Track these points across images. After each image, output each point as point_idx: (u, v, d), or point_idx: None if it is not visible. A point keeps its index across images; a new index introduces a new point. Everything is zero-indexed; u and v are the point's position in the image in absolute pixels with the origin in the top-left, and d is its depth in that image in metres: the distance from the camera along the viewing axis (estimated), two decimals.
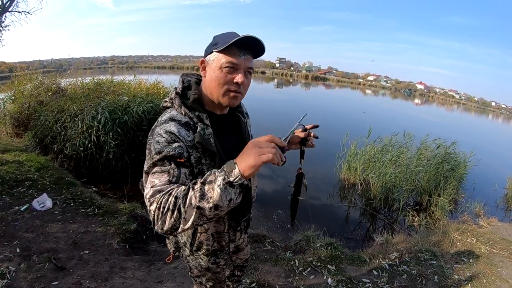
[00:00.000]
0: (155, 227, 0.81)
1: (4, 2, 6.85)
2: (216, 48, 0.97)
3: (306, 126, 1.32)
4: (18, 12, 7.31)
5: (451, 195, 5.09)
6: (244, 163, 0.77)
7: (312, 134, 1.30)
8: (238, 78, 0.98)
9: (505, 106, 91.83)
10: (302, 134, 1.30)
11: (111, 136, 4.90)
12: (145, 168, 0.92)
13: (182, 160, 0.91)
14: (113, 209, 3.45)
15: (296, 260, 2.77)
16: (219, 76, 0.99)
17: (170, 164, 0.89)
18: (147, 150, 0.97)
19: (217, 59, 0.98)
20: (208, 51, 1.02)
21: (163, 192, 0.82)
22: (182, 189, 0.80)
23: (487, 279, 2.74)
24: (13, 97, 6.82)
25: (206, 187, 0.76)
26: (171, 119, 0.99)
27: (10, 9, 7.09)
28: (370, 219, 4.74)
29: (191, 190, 0.78)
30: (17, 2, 7.08)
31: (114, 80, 7.13)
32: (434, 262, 2.95)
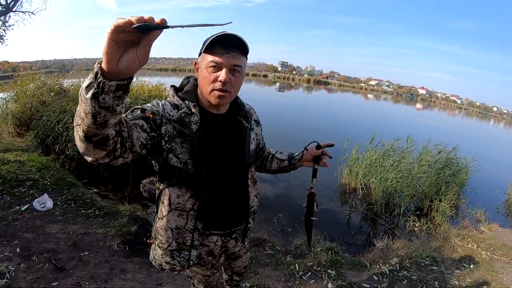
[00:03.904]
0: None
1: (8, 2, 6.89)
2: (203, 49, 1.01)
3: (321, 144, 1.30)
4: (22, 12, 7.36)
5: (452, 200, 5.08)
6: None
7: (326, 153, 1.30)
8: (221, 76, 1.00)
9: (506, 112, 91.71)
10: (316, 152, 1.30)
11: None
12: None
13: (150, 115, 0.96)
14: (113, 211, 3.45)
15: (296, 265, 2.76)
16: (205, 76, 1.02)
17: (139, 112, 0.97)
18: None
19: (203, 60, 1.02)
20: (199, 53, 1.06)
21: None
22: None
23: (488, 285, 2.74)
24: (15, 97, 6.82)
25: None
26: (165, 99, 1.09)
27: (14, 9, 7.13)
28: (371, 224, 4.73)
29: (138, 120, 0.88)
30: (21, 2, 7.13)
31: None
32: (435, 268, 2.94)
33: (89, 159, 0.80)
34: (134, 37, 0.60)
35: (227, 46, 0.99)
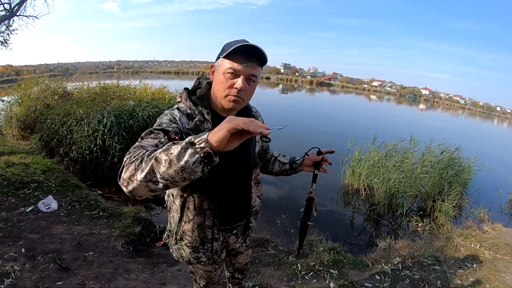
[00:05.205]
0: (119, 177, 0.83)
1: (12, 6, 6.95)
2: (223, 54, 1.02)
3: (321, 150, 1.33)
4: (26, 16, 7.41)
5: (455, 200, 5.07)
6: (215, 130, 0.74)
7: (326, 159, 1.33)
8: (237, 84, 1.02)
9: (510, 111, 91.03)
10: (316, 158, 1.33)
11: (116, 140, 4.95)
12: (142, 134, 0.96)
13: (175, 137, 0.96)
14: (117, 212, 3.49)
15: (298, 264, 2.78)
16: (222, 81, 1.04)
17: (164, 136, 0.95)
18: None
19: (222, 65, 1.04)
20: (218, 57, 1.08)
21: (144, 148, 0.85)
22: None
23: (490, 284, 2.73)
24: (19, 100, 6.90)
25: (174, 146, 0.76)
26: (177, 108, 1.10)
27: (18, 13, 7.18)
28: (373, 224, 4.72)
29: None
30: (25, 6, 7.18)
31: (120, 85, 7.21)
32: (437, 267, 2.94)
33: (140, 197, 0.87)
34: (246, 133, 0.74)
35: (248, 55, 1.01)
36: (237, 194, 1.26)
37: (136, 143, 0.90)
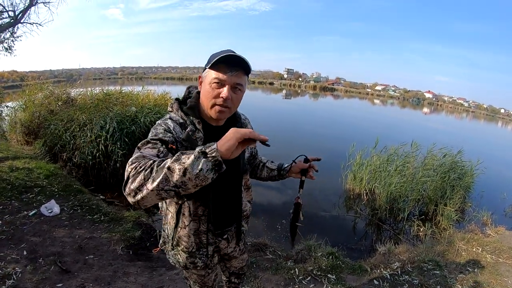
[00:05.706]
0: (125, 187, 0.85)
1: (17, 14, 7.05)
2: (208, 65, 1.06)
3: (308, 157, 1.39)
4: (30, 23, 7.51)
5: (457, 204, 5.04)
6: (222, 140, 0.82)
7: (312, 167, 1.38)
8: (223, 93, 1.05)
9: None
10: (303, 165, 1.38)
11: (118, 146, 5.02)
12: (139, 144, 0.99)
13: (173, 147, 1.02)
14: (118, 217, 3.53)
15: (296, 269, 2.77)
16: (208, 91, 1.08)
17: (162, 146, 0.99)
18: None
19: (208, 75, 1.08)
20: (204, 68, 1.11)
21: (147, 159, 0.88)
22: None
23: None
24: (24, 106, 6.99)
25: (184, 156, 0.80)
26: (170, 118, 1.13)
27: (22, 21, 7.28)
28: (375, 229, 4.71)
29: (169, 157, 0.83)
30: (29, 13, 7.27)
31: (123, 91, 7.29)
32: (438, 272, 2.92)
33: (145, 206, 0.90)
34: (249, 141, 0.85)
35: (232, 65, 1.04)
36: (229, 199, 1.29)
37: (137, 154, 0.92)
